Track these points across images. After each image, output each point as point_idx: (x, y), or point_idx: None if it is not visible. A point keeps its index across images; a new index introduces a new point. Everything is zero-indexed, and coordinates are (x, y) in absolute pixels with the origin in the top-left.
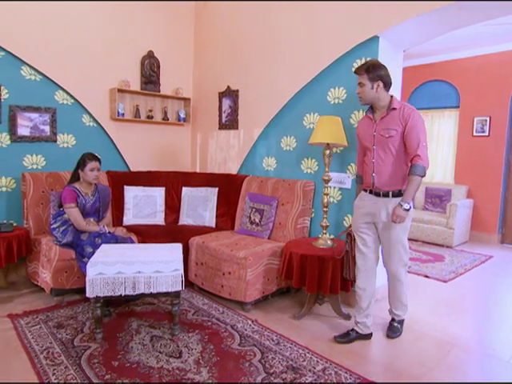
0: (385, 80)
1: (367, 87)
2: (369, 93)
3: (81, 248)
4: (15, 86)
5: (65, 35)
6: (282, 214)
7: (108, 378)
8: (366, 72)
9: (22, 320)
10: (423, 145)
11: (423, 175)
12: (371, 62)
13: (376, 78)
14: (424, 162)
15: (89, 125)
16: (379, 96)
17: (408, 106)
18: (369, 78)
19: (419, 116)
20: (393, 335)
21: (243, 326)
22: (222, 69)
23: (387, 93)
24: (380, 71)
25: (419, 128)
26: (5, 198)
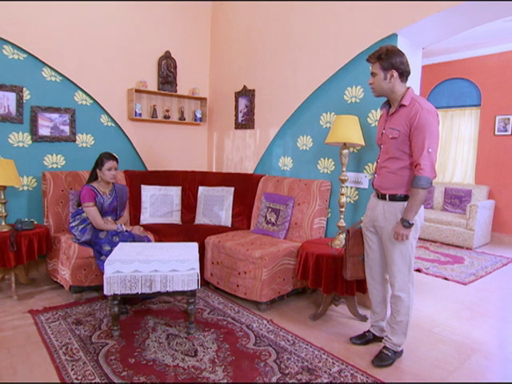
0: (400, 69)
1: (380, 77)
2: (381, 84)
3: (99, 246)
4: (36, 87)
5: (84, 37)
6: (298, 214)
7: (125, 375)
8: (378, 60)
9: (42, 316)
10: (428, 151)
11: (427, 187)
12: (385, 48)
13: (389, 67)
14: (426, 172)
15: (107, 125)
16: (393, 87)
17: (420, 102)
18: (381, 67)
19: (429, 116)
20: (378, 363)
21: (258, 326)
22: (238, 68)
23: (404, 84)
24: (395, 58)
25: (426, 131)
26: (26, 196)
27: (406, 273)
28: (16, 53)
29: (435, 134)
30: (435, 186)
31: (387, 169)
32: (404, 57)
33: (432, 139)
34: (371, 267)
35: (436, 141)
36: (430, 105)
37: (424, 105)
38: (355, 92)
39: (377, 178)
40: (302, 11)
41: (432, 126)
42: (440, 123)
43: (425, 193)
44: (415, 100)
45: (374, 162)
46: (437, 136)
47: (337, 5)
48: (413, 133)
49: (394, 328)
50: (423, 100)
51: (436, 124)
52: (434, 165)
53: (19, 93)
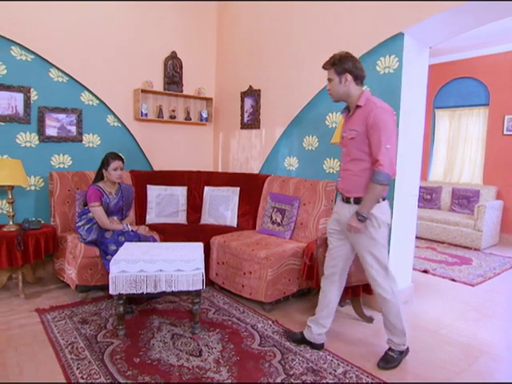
0: (354, 73)
1: (335, 82)
2: (337, 88)
3: (105, 246)
4: (43, 87)
5: (90, 38)
6: (304, 214)
7: (130, 375)
8: (332, 66)
9: (48, 315)
10: (386, 148)
11: (386, 183)
12: (339, 54)
13: (343, 71)
14: (386, 168)
15: (113, 125)
16: (349, 91)
17: (375, 102)
18: (336, 72)
19: (383, 114)
20: (384, 365)
21: (263, 326)
22: (243, 68)
23: (359, 87)
24: (348, 63)
25: (381, 127)
26: (33, 196)
27: (384, 274)
28: (24, 54)
29: (391, 131)
30: (443, 186)
31: (350, 171)
32: (357, 62)
33: (388, 136)
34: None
35: (393, 137)
36: (385, 104)
37: (379, 104)
38: None
39: (341, 182)
40: (307, 11)
41: (387, 123)
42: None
43: (382, 189)
44: (370, 100)
45: None
46: (393, 133)
47: (342, 4)
48: (369, 131)
49: (391, 330)
50: (379, 100)
51: (392, 121)
52: (392, 161)
53: (27, 93)
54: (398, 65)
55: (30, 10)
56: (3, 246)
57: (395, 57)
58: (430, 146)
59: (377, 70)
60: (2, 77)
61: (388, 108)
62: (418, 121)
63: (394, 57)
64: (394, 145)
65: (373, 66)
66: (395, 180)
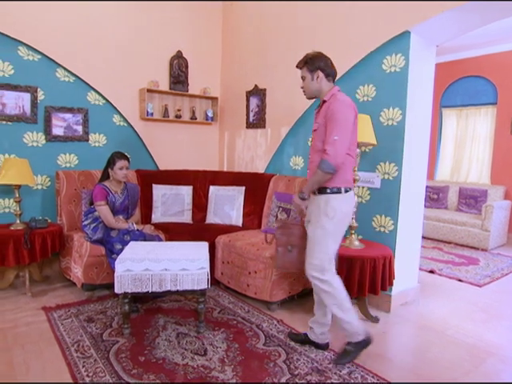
0: (325, 70)
1: (308, 79)
2: (310, 85)
3: (110, 245)
4: (50, 87)
5: (96, 37)
6: None
7: (135, 373)
8: (305, 64)
9: (55, 313)
10: (334, 139)
11: (330, 171)
12: (310, 54)
13: (315, 69)
14: (330, 157)
15: (119, 124)
16: (321, 87)
17: (337, 96)
18: (308, 70)
19: (341, 106)
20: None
21: (268, 326)
22: (249, 68)
23: (330, 84)
24: (319, 62)
25: (335, 119)
26: (40, 195)
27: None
28: (31, 54)
29: (344, 124)
30: (450, 185)
31: (315, 163)
32: (328, 60)
33: (340, 128)
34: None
35: (344, 130)
36: (347, 99)
37: (340, 98)
38: (367, 91)
39: (308, 173)
40: (313, 10)
41: (342, 116)
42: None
43: (323, 175)
44: (334, 95)
45: (386, 162)
46: (345, 126)
47: (347, 3)
48: (326, 123)
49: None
50: (343, 95)
51: (348, 114)
52: (337, 151)
53: (34, 93)
54: (404, 63)
55: (37, 11)
56: (10, 245)
57: (401, 55)
58: (437, 146)
59: (383, 68)
60: (9, 77)
61: (347, 102)
62: (424, 120)
63: (400, 55)
64: (344, 137)
65: (380, 64)
66: (401, 179)
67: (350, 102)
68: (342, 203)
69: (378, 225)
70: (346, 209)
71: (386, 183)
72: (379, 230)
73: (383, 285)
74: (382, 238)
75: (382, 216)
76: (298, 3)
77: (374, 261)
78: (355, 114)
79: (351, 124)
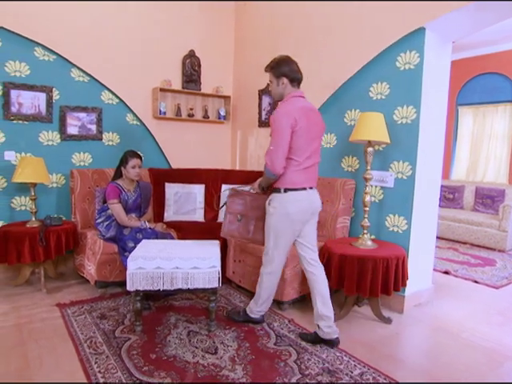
0: (290, 76)
1: (274, 84)
2: (276, 89)
3: (123, 242)
4: (65, 87)
5: (110, 38)
6: (321, 213)
7: (146, 370)
8: (271, 69)
9: (68, 309)
10: (270, 149)
11: (271, 177)
12: (277, 59)
13: (280, 75)
14: (268, 166)
15: (132, 123)
16: (284, 93)
17: (280, 106)
18: (274, 75)
19: (278, 116)
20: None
21: (279, 325)
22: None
23: (294, 89)
24: (284, 67)
25: (272, 129)
26: (55, 193)
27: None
28: (46, 54)
29: (278, 135)
30: (466, 185)
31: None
32: (294, 65)
33: (275, 139)
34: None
35: (279, 139)
36: (285, 108)
37: (280, 107)
38: (381, 88)
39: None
40: (325, 8)
41: (276, 125)
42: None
43: (267, 179)
44: (281, 103)
45: (399, 161)
46: (279, 136)
47: None
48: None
49: (256, 298)
50: (286, 102)
51: (283, 123)
52: (272, 161)
53: (49, 93)
54: (418, 60)
55: (52, 12)
56: (26, 242)
57: (416, 52)
58: (453, 144)
59: (397, 66)
60: (25, 77)
61: (283, 112)
62: (439, 118)
63: (414, 52)
64: (279, 147)
65: (393, 61)
66: (415, 178)
67: (285, 112)
68: (281, 202)
69: (391, 224)
70: (288, 208)
71: (400, 182)
72: (392, 230)
73: (396, 285)
74: (396, 238)
75: (396, 215)
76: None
77: (386, 261)
78: (296, 119)
79: (286, 131)
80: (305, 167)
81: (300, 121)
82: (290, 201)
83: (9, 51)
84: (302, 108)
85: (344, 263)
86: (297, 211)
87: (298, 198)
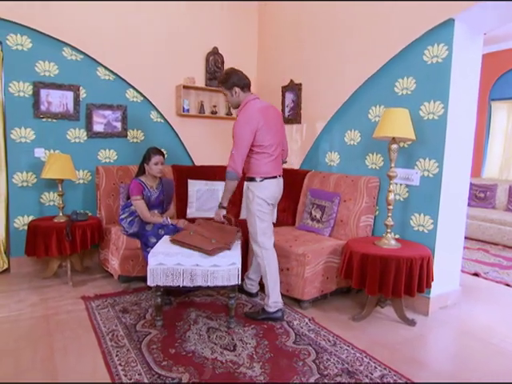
0: (240, 85)
1: (229, 96)
2: (232, 100)
3: (145, 238)
4: (91, 85)
5: (134, 36)
6: (344, 211)
7: (165, 365)
8: (222, 84)
9: (93, 302)
10: (232, 153)
11: (232, 178)
12: (224, 73)
13: (231, 86)
14: (230, 168)
15: (156, 121)
16: (239, 100)
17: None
18: (226, 88)
19: (237, 124)
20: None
21: (299, 324)
22: (285, 62)
23: (247, 94)
24: (232, 78)
25: (233, 134)
26: (82, 189)
27: (254, 239)
28: (74, 54)
29: (239, 139)
30: (498, 183)
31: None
32: (239, 73)
33: (236, 143)
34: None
35: (239, 142)
36: (247, 113)
37: (240, 113)
38: (407, 83)
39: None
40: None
41: (237, 133)
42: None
43: (230, 183)
44: (241, 109)
45: (425, 158)
46: (240, 140)
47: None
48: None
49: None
50: (246, 110)
51: (242, 130)
52: (235, 162)
53: (76, 91)
54: (447, 54)
55: (80, 13)
56: (53, 236)
57: (444, 45)
58: (485, 141)
59: (424, 60)
60: (54, 76)
61: (245, 120)
62: (468, 114)
63: (442, 45)
64: (240, 149)
65: (420, 54)
66: (442, 176)
67: (248, 116)
68: (258, 189)
69: (416, 224)
70: (260, 194)
71: (426, 180)
72: (418, 230)
73: (420, 286)
74: (421, 238)
75: (421, 215)
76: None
77: (410, 261)
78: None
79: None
80: (275, 157)
81: (261, 121)
82: (266, 187)
83: (39, 52)
84: (260, 109)
85: (366, 263)
86: (270, 196)
87: (271, 184)
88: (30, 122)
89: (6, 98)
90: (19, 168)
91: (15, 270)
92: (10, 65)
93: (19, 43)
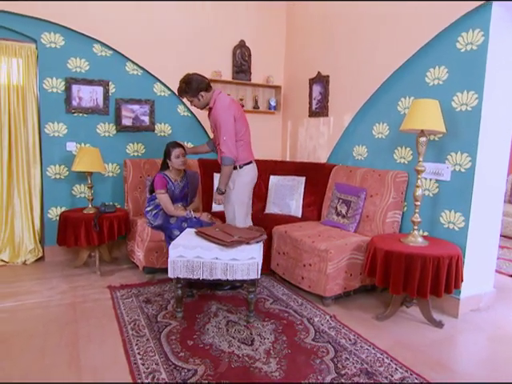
0: (203, 88)
1: (196, 101)
2: (200, 104)
3: (169, 231)
4: (120, 80)
5: (162, 31)
6: (370, 207)
7: (182, 356)
8: (185, 93)
9: (118, 292)
10: (224, 139)
11: (229, 164)
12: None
13: (195, 92)
14: (226, 153)
15: (183, 115)
16: (207, 100)
17: (216, 103)
18: (191, 96)
19: (220, 112)
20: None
21: (320, 321)
22: (313, 54)
23: (210, 92)
24: (194, 84)
25: (219, 124)
26: (111, 182)
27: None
28: (104, 50)
29: (226, 126)
30: None
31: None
32: (198, 77)
33: (224, 130)
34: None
35: (227, 128)
36: (223, 101)
37: (218, 105)
38: (438, 73)
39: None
40: None
41: (222, 121)
42: None
43: (228, 168)
44: (215, 101)
45: (457, 152)
46: (228, 126)
47: None
48: (215, 127)
49: None
50: (220, 99)
51: (226, 117)
52: (229, 147)
53: (106, 86)
54: (482, 40)
55: (109, 10)
56: (82, 227)
57: (480, 31)
58: None
59: (457, 47)
60: (85, 72)
61: (225, 105)
62: (506, 104)
63: (478, 31)
64: (230, 135)
65: (454, 42)
66: (475, 171)
67: (227, 104)
68: (239, 176)
69: (446, 221)
70: (246, 179)
71: (457, 175)
72: (448, 227)
73: (448, 287)
74: (451, 236)
75: (452, 211)
76: None
77: (437, 260)
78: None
79: (231, 122)
80: (248, 142)
81: (235, 110)
82: (246, 173)
83: (71, 49)
84: (231, 100)
85: (390, 260)
86: (250, 180)
87: (250, 169)
88: (62, 116)
89: (40, 94)
90: (52, 161)
91: (49, 259)
92: (44, 62)
93: (52, 41)
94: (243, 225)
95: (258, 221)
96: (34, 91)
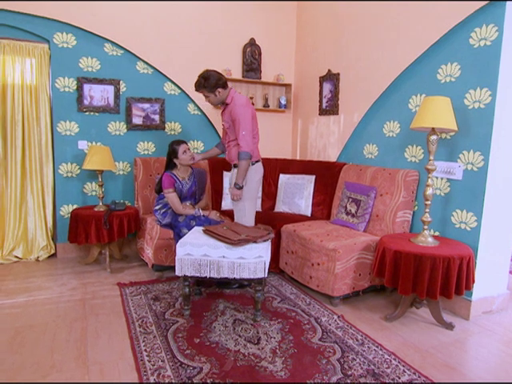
0: (221, 84)
1: (212, 97)
2: (215, 100)
3: (178, 229)
4: (131, 79)
5: (172, 30)
6: (380, 206)
7: (188, 353)
8: (203, 88)
9: (127, 289)
10: (242, 134)
11: (248, 157)
12: (202, 78)
13: (213, 88)
14: (244, 148)
15: (193, 113)
16: (222, 97)
17: (235, 100)
18: (208, 91)
19: (240, 109)
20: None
21: (327, 321)
22: (323, 52)
23: (227, 89)
24: (213, 80)
25: (239, 120)
26: (121, 180)
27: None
28: (115, 49)
29: (245, 121)
30: None
31: (232, 152)
32: (216, 73)
33: (243, 125)
34: None
35: (247, 125)
36: (242, 99)
37: (237, 101)
38: (450, 70)
39: (227, 154)
40: None
41: (242, 116)
42: None
43: (246, 162)
44: (233, 98)
45: (470, 151)
46: (246, 121)
47: None
48: (233, 123)
49: None
50: (238, 96)
51: (245, 112)
52: (248, 142)
53: (117, 85)
54: (497, 35)
55: (119, 10)
56: (93, 224)
57: (494, 26)
58: None
59: (470, 43)
60: (96, 71)
61: (243, 102)
62: None
63: (492, 26)
64: (248, 130)
65: (466, 38)
66: (487, 170)
67: (245, 101)
68: (250, 172)
69: (457, 221)
70: (256, 176)
71: (470, 174)
72: (459, 227)
73: (459, 288)
74: (463, 236)
75: (464, 211)
76: None
77: (448, 260)
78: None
79: (250, 118)
80: (258, 143)
81: (252, 108)
82: (257, 170)
83: (82, 48)
84: (247, 98)
85: (399, 260)
86: (260, 177)
87: (259, 167)
88: (74, 115)
89: (53, 93)
90: (64, 159)
91: (61, 256)
92: (57, 62)
93: (65, 41)
94: (253, 220)
95: (267, 219)
96: (46, 91)
